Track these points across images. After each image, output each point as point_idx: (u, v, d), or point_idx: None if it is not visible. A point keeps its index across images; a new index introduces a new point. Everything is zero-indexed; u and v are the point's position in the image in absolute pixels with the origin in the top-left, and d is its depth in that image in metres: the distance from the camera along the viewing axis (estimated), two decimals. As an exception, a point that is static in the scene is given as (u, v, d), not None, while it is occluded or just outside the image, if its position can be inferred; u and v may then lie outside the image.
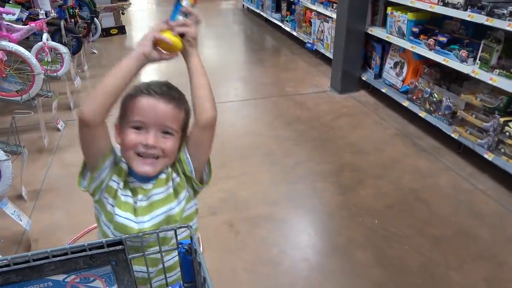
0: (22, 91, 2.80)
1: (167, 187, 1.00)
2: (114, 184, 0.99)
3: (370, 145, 3.03)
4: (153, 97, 0.95)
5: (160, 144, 0.95)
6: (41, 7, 3.43)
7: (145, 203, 0.99)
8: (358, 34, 3.74)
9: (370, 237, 2.13)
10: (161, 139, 0.95)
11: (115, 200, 0.98)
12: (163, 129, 0.96)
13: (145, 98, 0.95)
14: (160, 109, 0.95)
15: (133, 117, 0.95)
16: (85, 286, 0.75)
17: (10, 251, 2.11)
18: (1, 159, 1.92)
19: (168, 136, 0.97)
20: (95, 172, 0.96)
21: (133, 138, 0.95)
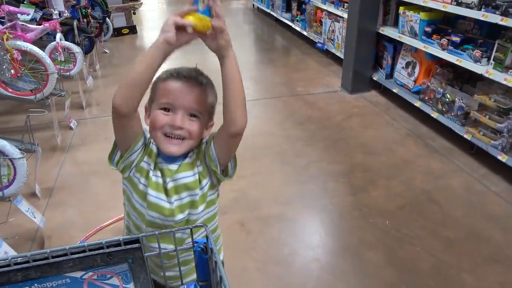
0: (36, 90, 2.85)
1: (193, 173, 1.03)
2: (146, 165, 1.02)
3: (382, 146, 3.01)
4: (182, 81, 0.98)
5: (186, 125, 0.98)
6: (55, 8, 3.47)
7: (173, 184, 1.02)
8: (370, 33, 3.71)
9: (382, 238, 2.12)
10: (187, 121, 0.98)
11: (147, 180, 1.02)
12: (190, 112, 0.99)
13: (175, 82, 0.98)
14: (188, 92, 0.98)
15: (162, 99, 0.99)
16: (102, 283, 0.76)
17: (24, 248, 2.14)
18: (16, 157, 1.95)
19: (195, 119, 1.00)
20: (127, 153, 1.00)
21: (161, 119, 0.98)
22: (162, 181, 1.02)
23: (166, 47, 0.88)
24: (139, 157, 1.02)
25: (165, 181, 1.02)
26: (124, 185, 1.07)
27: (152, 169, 1.02)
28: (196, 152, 1.05)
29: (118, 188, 2.75)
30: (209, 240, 0.73)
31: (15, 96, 2.88)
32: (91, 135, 3.38)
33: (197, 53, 1.69)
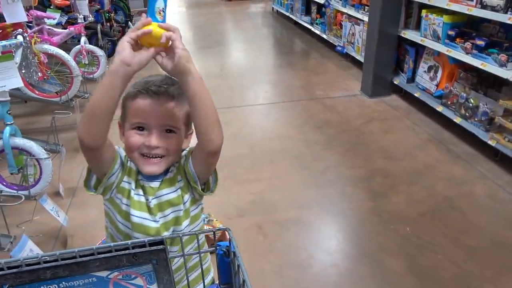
0: (61, 92, 2.92)
1: (175, 188, 1.00)
2: (126, 185, 0.99)
3: (402, 151, 2.97)
4: (152, 98, 0.92)
5: (163, 143, 0.94)
6: (80, 12, 3.57)
7: (156, 202, 0.99)
8: (391, 37, 3.67)
9: (402, 245, 2.08)
10: (164, 138, 0.94)
11: (129, 200, 0.98)
12: (166, 128, 0.94)
13: (144, 99, 0.92)
14: (161, 109, 0.92)
15: (134, 118, 0.93)
16: (126, 283, 0.77)
17: (48, 245, 2.19)
18: (42, 158, 2.01)
19: (171, 134, 0.95)
20: (105, 178, 0.96)
21: (136, 139, 0.94)
22: (145, 199, 0.99)
23: (125, 70, 0.80)
24: (119, 178, 0.97)
25: (147, 199, 0.98)
26: (106, 206, 1.03)
27: (133, 188, 0.98)
28: (177, 166, 1.01)
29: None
30: (232, 243, 0.73)
31: (41, 98, 2.97)
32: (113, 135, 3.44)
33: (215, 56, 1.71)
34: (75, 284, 0.75)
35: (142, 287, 0.78)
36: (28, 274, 0.72)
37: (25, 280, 0.73)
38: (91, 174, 0.98)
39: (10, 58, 1.77)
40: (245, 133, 3.30)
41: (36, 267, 0.72)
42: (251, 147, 3.08)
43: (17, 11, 2.39)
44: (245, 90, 4.36)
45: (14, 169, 2.00)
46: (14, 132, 1.98)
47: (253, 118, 3.69)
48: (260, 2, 10.08)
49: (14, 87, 1.90)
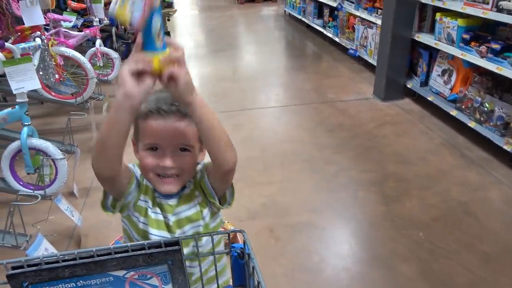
0: (76, 94, 2.97)
1: (194, 204, 0.99)
2: (143, 203, 0.98)
3: (416, 155, 2.94)
4: (163, 118, 0.89)
5: (177, 163, 0.92)
6: (95, 15, 3.63)
7: (175, 219, 0.98)
8: (404, 40, 3.64)
9: (415, 250, 2.06)
10: (178, 157, 0.92)
11: (146, 219, 0.97)
12: (179, 147, 0.92)
13: (156, 120, 0.90)
14: (173, 129, 0.90)
15: (146, 139, 0.92)
16: (142, 283, 0.78)
17: (62, 245, 2.23)
18: (58, 158, 2.04)
19: (185, 152, 0.93)
20: (122, 198, 0.95)
21: (150, 161, 0.92)
22: (163, 217, 0.98)
23: (131, 103, 0.76)
24: (135, 197, 0.97)
25: (165, 216, 0.97)
26: (124, 223, 1.03)
27: (150, 207, 0.97)
28: (193, 182, 1.00)
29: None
30: (246, 246, 0.74)
31: (57, 99, 3.02)
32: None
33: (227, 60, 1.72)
34: (92, 283, 0.77)
35: (157, 287, 0.79)
36: (47, 272, 0.74)
37: (44, 278, 0.74)
38: (107, 194, 0.97)
39: (29, 60, 1.81)
40: (256, 136, 3.31)
41: (55, 265, 0.73)
42: (262, 150, 3.08)
43: (36, 15, 2.44)
44: (257, 93, 4.37)
45: (31, 169, 2.04)
46: (31, 133, 2.02)
47: (265, 120, 3.70)
48: (272, 5, 10.11)
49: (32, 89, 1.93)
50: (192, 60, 5.82)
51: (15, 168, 2.12)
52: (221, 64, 5.49)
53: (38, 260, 0.73)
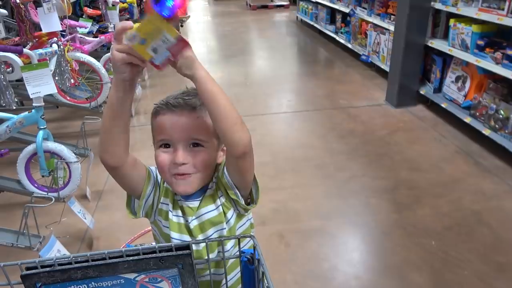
0: (91, 98, 3.02)
1: (216, 206, 0.96)
2: (164, 207, 0.97)
3: (429, 163, 2.90)
4: (172, 112, 0.88)
5: (190, 159, 0.89)
6: (110, 21, 3.69)
7: (197, 222, 0.95)
8: (417, 46, 3.62)
9: (427, 259, 2.03)
10: (190, 153, 0.89)
11: (167, 222, 0.96)
12: (191, 142, 0.89)
13: (165, 115, 0.89)
14: (182, 122, 0.88)
15: (159, 136, 0.91)
16: (153, 286, 0.79)
17: (74, 247, 2.25)
18: (72, 161, 2.08)
19: (199, 148, 0.90)
20: (141, 200, 0.95)
21: (163, 159, 0.90)
22: (184, 220, 0.96)
23: (120, 77, 0.78)
24: (156, 200, 0.96)
25: (187, 220, 0.95)
26: (153, 229, 1.02)
27: (171, 210, 0.96)
28: (215, 181, 0.97)
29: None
30: (256, 251, 0.74)
31: (72, 103, 3.08)
32: (139, 142, 3.52)
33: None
34: (103, 284, 0.78)
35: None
36: (60, 274, 0.75)
37: (57, 279, 0.76)
38: (131, 197, 0.97)
39: (46, 66, 1.85)
40: (268, 141, 3.31)
41: (68, 267, 0.75)
42: (274, 155, 3.08)
43: (53, 21, 2.50)
44: (269, 98, 4.38)
45: (46, 172, 2.08)
46: (46, 136, 2.06)
47: (277, 126, 3.70)
48: (284, 11, 10.15)
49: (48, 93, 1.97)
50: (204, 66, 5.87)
51: (30, 170, 2.16)
52: (233, 69, 5.53)
53: (52, 261, 0.75)
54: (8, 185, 2.17)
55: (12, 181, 2.21)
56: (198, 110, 0.89)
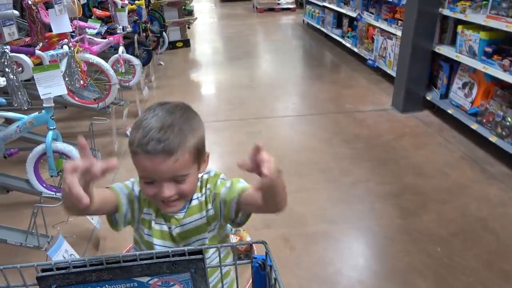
0: (99, 99, 3.05)
1: (201, 216, 0.99)
2: (147, 216, 1.00)
3: (434, 168, 2.90)
4: (150, 157, 0.86)
5: (176, 191, 0.91)
6: (119, 23, 3.72)
7: (179, 230, 0.99)
8: (425, 52, 3.62)
9: (432, 266, 2.03)
10: (175, 186, 0.90)
11: (150, 230, 0.99)
12: (174, 179, 0.90)
13: (143, 158, 0.87)
14: (162, 168, 0.87)
15: (140, 173, 0.91)
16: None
17: (81, 247, 2.27)
18: (81, 162, 2.10)
19: (183, 178, 0.91)
20: (120, 217, 0.99)
21: (149, 191, 0.92)
22: (167, 227, 0.98)
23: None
24: (137, 212, 0.99)
25: (170, 227, 0.98)
26: (135, 235, 1.06)
27: (153, 219, 0.98)
28: (207, 195, 0.99)
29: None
30: (269, 257, 0.75)
31: (80, 104, 3.10)
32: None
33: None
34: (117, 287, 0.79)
35: (179, 294, 0.81)
36: (75, 276, 0.77)
37: (72, 282, 0.77)
38: (112, 214, 0.99)
39: (57, 67, 1.88)
40: (273, 145, 3.32)
41: (82, 269, 0.76)
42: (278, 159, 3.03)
43: (64, 23, 2.53)
44: (274, 101, 4.40)
45: (54, 172, 2.10)
46: (56, 137, 2.08)
47: (282, 129, 3.71)
48: (291, 14, 10.17)
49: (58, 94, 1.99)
50: (210, 67, 5.90)
51: (39, 170, 2.18)
52: (238, 71, 5.55)
53: (67, 263, 0.76)
54: (17, 184, 2.20)
55: (21, 180, 2.23)
56: (176, 152, 0.87)
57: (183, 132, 0.88)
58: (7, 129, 2.07)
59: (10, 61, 1.83)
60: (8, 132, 2.06)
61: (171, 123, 0.87)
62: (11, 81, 1.83)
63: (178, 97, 4.58)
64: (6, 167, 2.49)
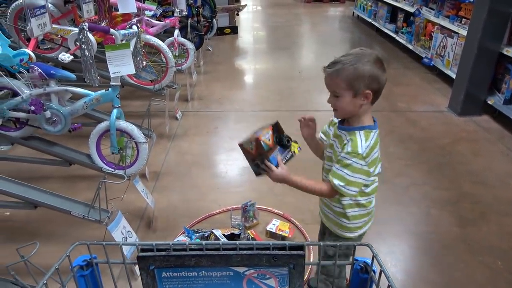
0: (155, 81, 3.09)
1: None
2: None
3: (495, 177, 2.75)
4: (323, 71, 1.30)
5: (331, 101, 1.31)
6: (177, 6, 3.74)
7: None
8: (491, 53, 3.42)
9: (492, 279, 1.93)
10: (334, 99, 1.29)
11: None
12: (333, 93, 1.29)
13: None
14: (326, 78, 1.29)
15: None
16: (260, 282, 0.79)
17: (133, 224, 2.32)
18: (141, 141, 2.13)
19: (337, 97, 1.28)
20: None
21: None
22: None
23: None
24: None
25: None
26: None
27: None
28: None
29: (217, 182, 2.87)
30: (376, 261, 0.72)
31: (138, 84, 3.15)
32: (193, 128, 3.58)
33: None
34: (213, 274, 0.79)
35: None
36: (175, 259, 0.76)
37: (171, 264, 0.77)
38: None
39: (128, 47, 1.90)
40: (323, 139, 3.26)
41: (183, 253, 0.76)
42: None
43: (130, 3, 2.56)
44: (323, 95, 4.29)
45: (116, 149, 2.15)
46: (119, 115, 2.12)
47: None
48: (339, 6, 9.93)
49: (127, 74, 2.02)
50: (257, 56, 5.86)
51: (100, 146, 2.24)
52: (286, 61, 5.48)
53: (168, 245, 0.76)
54: (80, 158, 2.27)
55: (83, 155, 2.30)
56: (332, 71, 1.27)
57: (343, 65, 1.24)
58: (75, 104, 2.13)
59: (87, 38, 1.87)
60: (75, 107, 2.12)
61: (344, 59, 1.26)
62: (86, 58, 1.87)
63: (225, 83, 4.58)
64: (67, 141, 2.58)
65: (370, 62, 1.23)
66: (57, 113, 2.10)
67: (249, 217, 2.32)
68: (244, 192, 2.58)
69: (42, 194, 1.87)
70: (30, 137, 2.30)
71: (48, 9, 2.13)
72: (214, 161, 3.06)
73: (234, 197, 2.53)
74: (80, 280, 0.80)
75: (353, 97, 1.26)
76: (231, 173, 2.84)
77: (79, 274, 0.80)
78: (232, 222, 2.30)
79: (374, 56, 1.26)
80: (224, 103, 4.04)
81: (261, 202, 2.41)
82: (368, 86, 1.25)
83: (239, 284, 0.79)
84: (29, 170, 2.77)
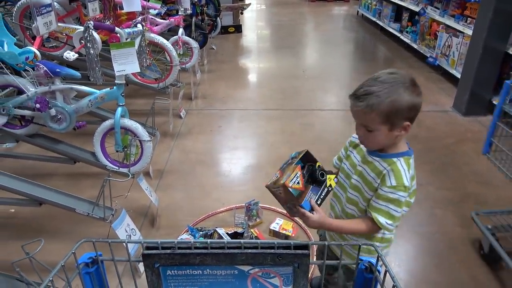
0: (159, 79, 3.09)
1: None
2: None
3: (500, 178, 2.71)
4: (351, 101, 1.16)
5: (361, 134, 1.18)
6: (182, 4, 3.74)
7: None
8: (496, 53, 3.40)
9: (497, 281, 1.93)
10: (365, 132, 1.16)
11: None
12: (364, 126, 1.15)
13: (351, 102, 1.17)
14: (356, 111, 1.14)
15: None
16: (264, 281, 0.79)
17: (137, 222, 2.33)
18: (145, 140, 2.14)
19: (370, 132, 1.15)
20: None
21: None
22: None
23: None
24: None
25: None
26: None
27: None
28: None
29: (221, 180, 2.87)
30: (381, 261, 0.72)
31: (141, 83, 3.16)
32: (197, 126, 3.58)
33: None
34: (217, 273, 0.79)
35: (277, 287, 0.80)
36: (180, 257, 0.76)
37: (176, 262, 0.77)
38: None
39: (132, 45, 1.91)
40: (326, 138, 3.25)
41: (188, 251, 0.76)
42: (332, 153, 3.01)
43: (134, 1, 2.56)
44: (327, 94, 4.31)
45: (120, 147, 2.15)
46: (124, 113, 2.13)
47: (334, 123, 3.62)
48: (343, 5, 9.90)
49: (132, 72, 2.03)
50: (261, 54, 5.86)
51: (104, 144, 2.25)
52: (289, 60, 5.48)
53: (173, 243, 0.76)
54: (84, 156, 2.28)
55: (87, 153, 2.31)
56: (364, 104, 1.12)
57: (374, 98, 1.10)
58: (80, 102, 2.14)
59: (92, 36, 1.87)
60: (80, 105, 2.13)
61: (372, 89, 1.13)
62: (91, 56, 1.88)
63: (229, 82, 4.59)
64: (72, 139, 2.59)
65: (408, 90, 1.10)
66: (62, 111, 2.11)
67: (253, 216, 2.33)
68: (248, 191, 2.58)
69: (47, 191, 1.88)
70: (35, 134, 2.31)
71: (54, 8, 2.14)
72: (218, 159, 3.06)
73: (237, 195, 2.53)
74: (86, 277, 0.80)
75: (389, 130, 1.13)
76: (235, 172, 2.84)
77: (85, 271, 0.80)
78: (236, 221, 2.31)
79: (409, 81, 1.13)
80: (228, 101, 4.04)
81: (264, 201, 2.41)
82: (407, 118, 1.13)
83: (243, 283, 0.79)
84: (33, 167, 2.79)
